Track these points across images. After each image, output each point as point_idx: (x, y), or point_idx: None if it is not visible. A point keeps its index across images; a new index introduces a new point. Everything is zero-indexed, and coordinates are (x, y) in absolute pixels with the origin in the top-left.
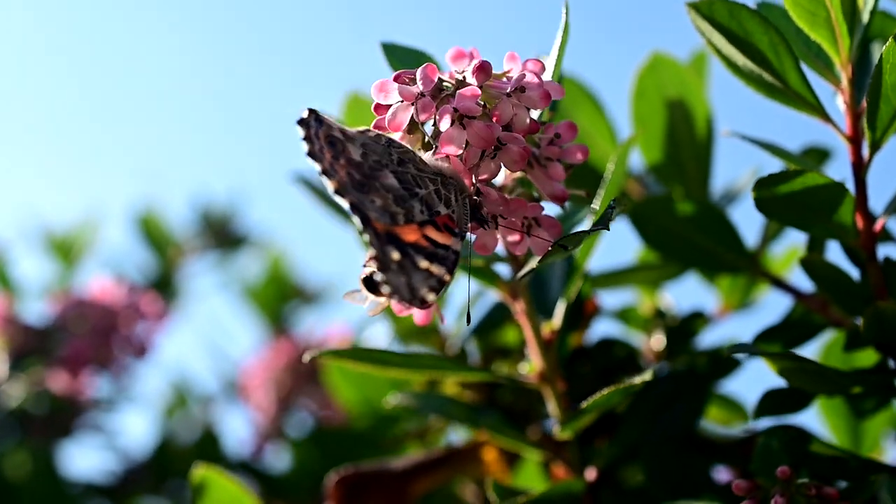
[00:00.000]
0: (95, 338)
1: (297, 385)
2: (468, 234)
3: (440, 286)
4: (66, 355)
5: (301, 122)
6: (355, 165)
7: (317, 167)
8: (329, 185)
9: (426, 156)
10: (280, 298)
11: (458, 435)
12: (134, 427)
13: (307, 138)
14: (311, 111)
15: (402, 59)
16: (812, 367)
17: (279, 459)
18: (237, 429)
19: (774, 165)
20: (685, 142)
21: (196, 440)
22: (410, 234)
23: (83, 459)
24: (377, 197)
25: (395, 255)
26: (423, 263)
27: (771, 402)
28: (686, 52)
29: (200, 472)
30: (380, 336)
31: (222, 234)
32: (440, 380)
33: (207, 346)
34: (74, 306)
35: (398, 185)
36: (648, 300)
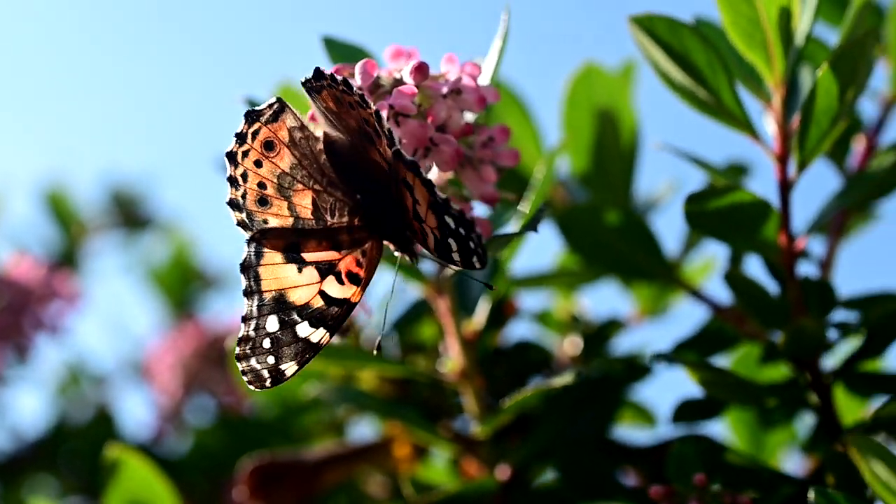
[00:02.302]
0: (8, 315)
1: (204, 370)
2: None
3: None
4: None
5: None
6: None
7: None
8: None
9: None
10: (183, 282)
11: (366, 429)
12: (26, 406)
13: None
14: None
15: (341, 53)
16: (731, 378)
17: (180, 444)
18: (137, 411)
19: (695, 177)
20: (612, 150)
21: (90, 420)
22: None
23: None
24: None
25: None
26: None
27: (687, 410)
28: (614, 62)
29: (114, 451)
30: None
31: (130, 215)
32: (356, 373)
33: (108, 326)
34: None
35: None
36: (565, 304)
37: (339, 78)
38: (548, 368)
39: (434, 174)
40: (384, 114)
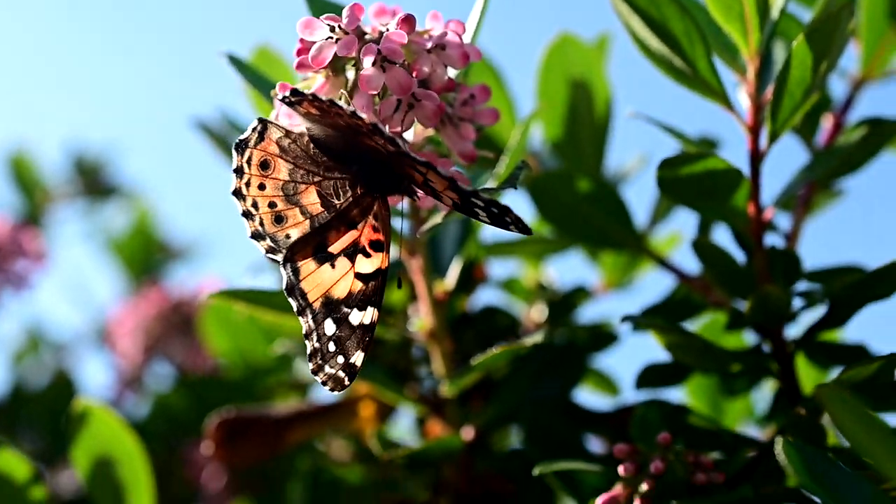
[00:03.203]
0: None
1: (166, 334)
2: None
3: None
4: None
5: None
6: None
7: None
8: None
9: None
10: (144, 252)
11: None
12: None
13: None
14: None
15: (323, 10)
16: (697, 342)
17: (139, 408)
18: (97, 377)
19: (665, 151)
20: (585, 120)
21: (49, 386)
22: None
23: None
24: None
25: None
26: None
27: (651, 375)
28: (588, 34)
29: (82, 403)
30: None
31: (93, 183)
32: None
33: (69, 293)
34: None
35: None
36: (532, 272)
37: (324, 98)
38: (514, 335)
39: (413, 132)
40: (371, 57)
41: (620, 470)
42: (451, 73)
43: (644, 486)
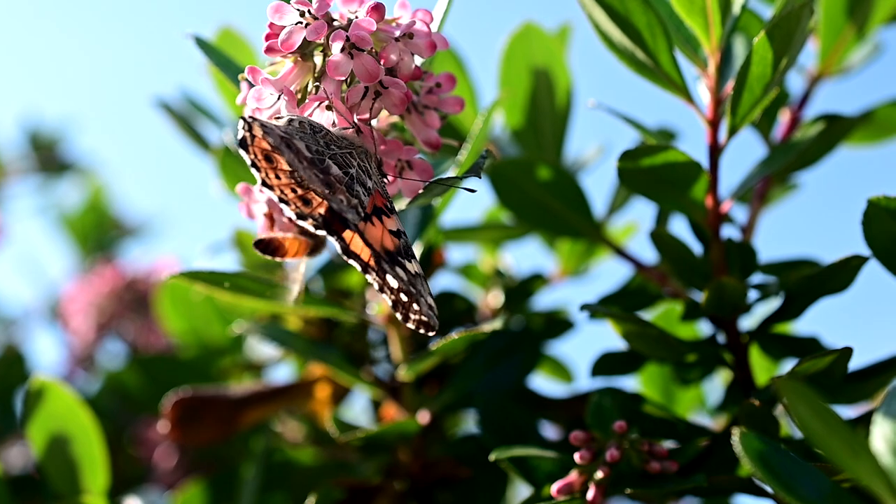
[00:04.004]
0: None
1: (120, 312)
2: None
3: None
4: None
5: (242, 142)
6: (311, 163)
7: (293, 212)
8: (289, 210)
9: (334, 130)
10: (98, 228)
11: (281, 373)
12: None
13: (256, 165)
14: (245, 122)
15: None
16: (654, 331)
17: (91, 386)
18: (48, 353)
19: (623, 142)
20: (546, 108)
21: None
22: (389, 240)
23: None
24: (341, 195)
25: (405, 275)
26: (413, 267)
27: (606, 363)
28: (550, 24)
29: (39, 379)
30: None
31: (48, 159)
32: (283, 314)
33: (21, 268)
34: None
35: (341, 173)
36: (489, 258)
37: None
38: (471, 320)
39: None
40: (339, 43)
41: (577, 457)
42: (418, 61)
43: (599, 474)
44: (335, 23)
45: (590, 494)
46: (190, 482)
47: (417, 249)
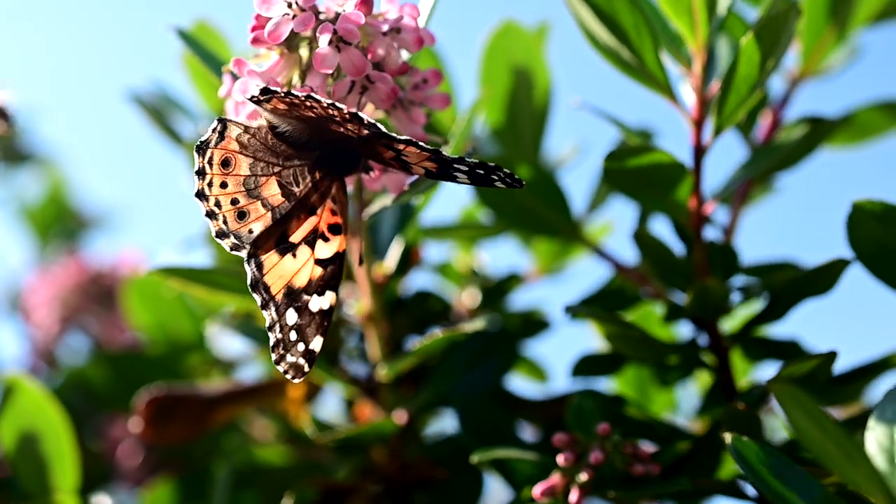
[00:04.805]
0: None
1: (84, 306)
2: None
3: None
4: None
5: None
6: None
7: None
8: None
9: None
10: (57, 220)
11: (251, 371)
12: None
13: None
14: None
15: None
16: (636, 333)
17: (53, 380)
18: (8, 345)
19: (600, 140)
20: (525, 107)
21: None
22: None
23: None
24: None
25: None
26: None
27: (586, 365)
28: (529, 21)
29: (10, 376)
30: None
31: (8, 149)
32: (256, 311)
33: None
34: None
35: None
36: (465, 257)
37: (299, 93)
38: (446, 319)
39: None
40: (327, 36)
41: (560, 459)
42: (405, 56)
43: (582, 476)
44: (322, 15)
45: (573, 497)
46: (158, 480)
47: (396, 248)
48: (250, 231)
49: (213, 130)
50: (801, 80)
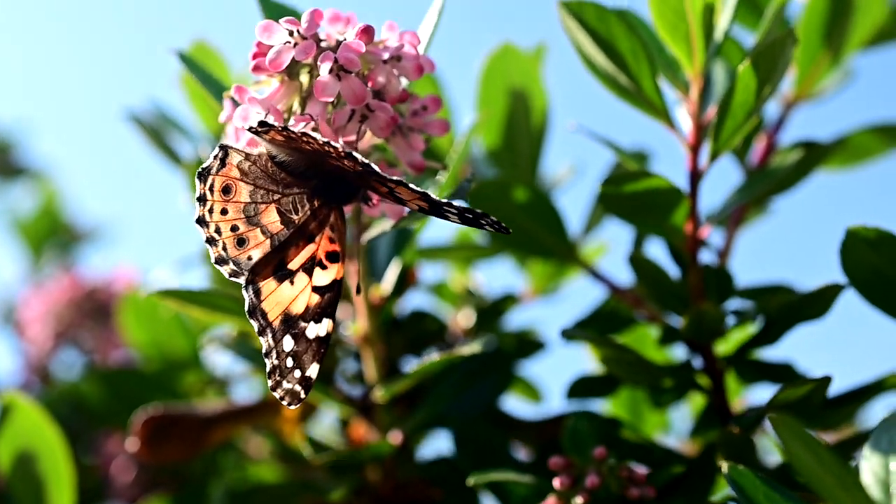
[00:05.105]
0: None
1: (78, 321)
2: None
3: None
4: None
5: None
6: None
7: (214, 254)
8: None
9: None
10: (51, 234)
11: (245, 390)
12: None
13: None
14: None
15: (278, 13)
16: (631, 357)
17: (46, 396)
18: (2, 358)
19: (594, 161)
20: (522, 129)
21: None
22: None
23: None
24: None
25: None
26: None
27: (581, 387)
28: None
29: (8, 395)
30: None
31: (1, 163)
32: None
33: None
34: None
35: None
36: (461, 277)
37: (295, 129)
38: (442, 340)
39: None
40: (328, 64)
41: (556, 483)
42: (404, 83)
43: (578, 500)
44: (323, 43)
45: None
46: (153, 497)
47: (394, 270)
48: (249, 258)
49: (215, 157)
50: (795, 103)
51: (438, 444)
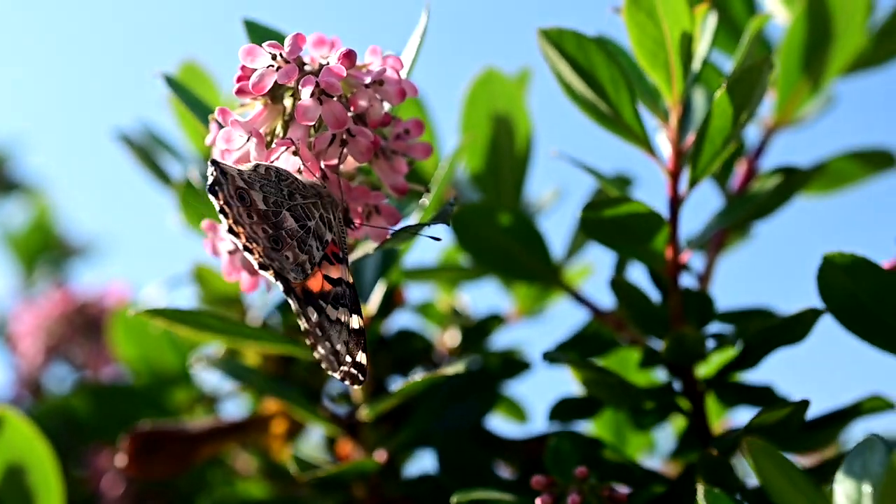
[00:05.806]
0: None
1: (69, 336)
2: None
3: (357, 338)
4: None
5: (212, 187)
6: (263, 217)
7: (238, 241)
8: (252, 259)
9: (300, 178)
10: (42, 248)
11: (234, 407)
12: None
13: (224, 210)
14: (216, 167)
15: (263, 37)
16: (613, 379)
17: (36, 410)
18: None
19: (577, 184)
20: (506, 153)
21: None
22: (315, 283)
23: None
24: (288, 251)
25: (314, 317)
26: (333, 313)
27: (563, 409)
28: (506, 68)
29: None
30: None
31: None
32: (241, 350)
33: None
34: None
35: (296, 226)
36: (447, 298)
37: (230, 222)
38: (428, 359)
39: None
40: (309, 88)
41: (538, 502)
42: (387, 107)
43: None
44: (306, 67)
45: None
46: None
47: (379, 290)
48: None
49: (214, 172)
50: (776, 129)
51: (423, 463)
